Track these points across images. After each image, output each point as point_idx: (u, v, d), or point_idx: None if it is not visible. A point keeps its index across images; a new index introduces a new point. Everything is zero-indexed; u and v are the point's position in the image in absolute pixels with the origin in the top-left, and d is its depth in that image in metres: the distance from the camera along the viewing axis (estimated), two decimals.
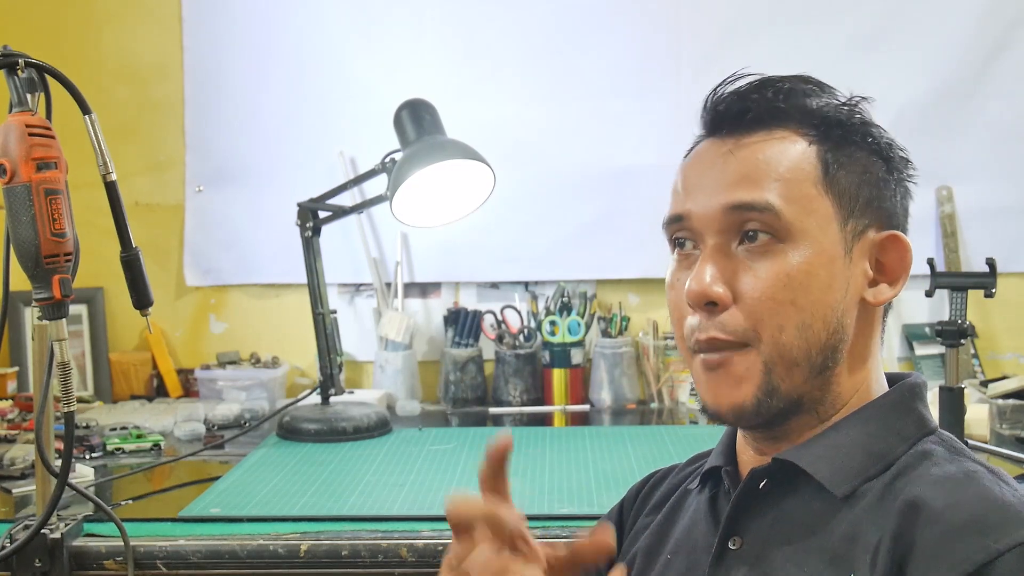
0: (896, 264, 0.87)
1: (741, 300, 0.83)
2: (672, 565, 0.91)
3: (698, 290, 0.83)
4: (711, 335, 0.84)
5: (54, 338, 1.11)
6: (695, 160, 0.90)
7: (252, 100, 2.42)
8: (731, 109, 0.87)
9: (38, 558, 1.32)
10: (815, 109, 0.87)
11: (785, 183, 0.84)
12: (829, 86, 0.89)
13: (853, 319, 0.86)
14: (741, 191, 0.84)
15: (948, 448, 0.84)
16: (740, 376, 0.84)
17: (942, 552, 0.72)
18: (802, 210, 0.83)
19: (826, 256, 0.83)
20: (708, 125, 0.90)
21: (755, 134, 0.86)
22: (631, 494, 1.06)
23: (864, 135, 0.87)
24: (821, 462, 0.83)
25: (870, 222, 0.86)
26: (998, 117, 2.32)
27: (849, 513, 0.80)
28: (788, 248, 0.83)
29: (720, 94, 0.88)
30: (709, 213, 0.85)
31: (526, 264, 2.42)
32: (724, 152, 0.86)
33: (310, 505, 1.51)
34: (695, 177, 0.88)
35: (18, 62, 1.10)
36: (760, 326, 0.82)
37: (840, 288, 0.84)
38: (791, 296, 0.82)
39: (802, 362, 0.83)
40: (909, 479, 0.79)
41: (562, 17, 2.37)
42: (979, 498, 0.75)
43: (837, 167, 0.85)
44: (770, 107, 0.86)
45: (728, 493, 0.90)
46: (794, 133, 0.86)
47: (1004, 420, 1.87)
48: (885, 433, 0.85)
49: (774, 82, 0.87)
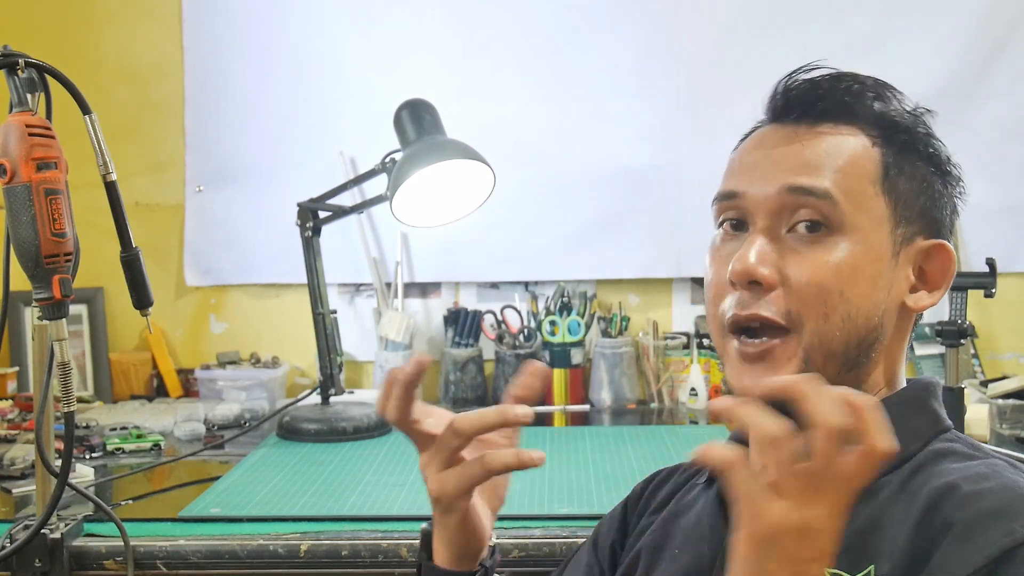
0: (938, 273, 0.88)
1: (788, 284, 0.83)
2: (679, 560, 0.90)
3: (742, 269, 0.83)
4: (754, 312, 0.83)
5: (54, 338, 1.11)
6: (756, 141, 0.90)
7: (252, 100, 2.42)
8: (803, 96, 0.87)
9: (38, 558, 1.32)
10: (883, 112, 0.88)
11: (844, 176, 0.84)
12: (899, 91, 0.90)
13: (892, 321, 0.87)
14: (802, 176, 0.84)
15: (965, 445, 0.85)
16: (779, 363, 0.83)
17: (969, 537, 0.73)
18: (857, 205, 0.84)
19: (874, 254, 0.84)
20: (776, 110, 0.90)
21: (822, 125, 0.86)
22: (635, 492, 1.06)
23: (927, 146, 0.89)
24: None
25: (919, 230, 0.87)
26: (998, 117, 2.32)
27: (865, 506, 0.80)
28: (839, 239, 0.83)
29: (794, 80, 0.88)
30: (765, 193, 0.85)
31: (526, 264, 2.42)
32: (790, 136, 0.87)
33: (310, 505, 1.51)
34: (755, 157, 0.88)
35: (18, 62, 1.09)
36: (806, 311, 0.82)
37: (884, 288, 0.85)
38: (839, 286, 0.82)
39: (839, 354, 0.84)
40: (931, 473, 0.80)
41: (562, 17, 2.37)
42: (1003, 487, 0.76)
43: (897, 172, 0.86)
44: (841, 101, 0.87)
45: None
46: (860, 131, 0.87)
47: (1004, 420, 1.87)
48: (900, 429, 0.84)
49: (848, 77, 0.88)
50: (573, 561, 1.08)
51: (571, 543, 1.34)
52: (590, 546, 1.06)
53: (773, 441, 0.62)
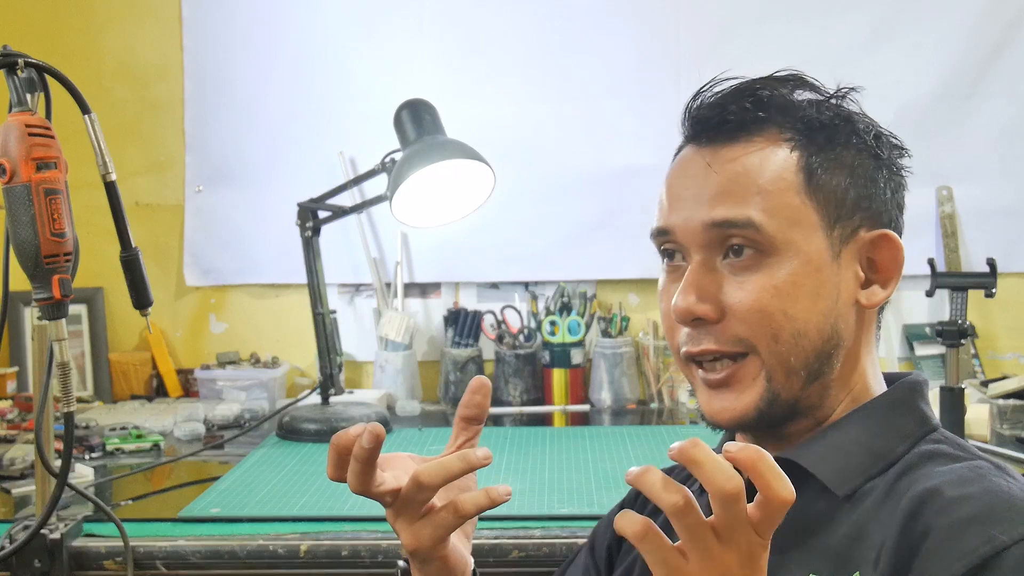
0: (888, 263, 0.86)
1: (730, 313, 0.83)
2: None
3: (684, 307, 0.83)
4: (704, 347, 0.84)
5: (54, 338, 1.11)
6: (678, 170, 0.89)
7: (252, 100, 2.42)
8: (710, 118, 0.86)
9: (38, 558, 1.32)
10: (797, 112, 0.85)
11: (766, 196, 0.82)
12: (813, 81, 0.88)
13: (849, 323, 0.85)
14: (722, 207, 0.83)
15: (952, 446, 0.83)
16: (743, 385, 0.84)
17: (950, 544, 0.72)
18: (785, 222, 0.82)
19: (812, 265, 0.83)
20: (687, 133, 0.89)
21: (735, 144, 0.85)
22: (631, 495, 1.06)
23: (849, 133, 0.86)
24: (823, 462, 0.83)
25: (859, 223, 0.85)
26: (998, 117, 2.32)
27: (852, 513, 0.80)
28: (773, 261, 0.82)
29: (698, 102, 0.87)
30: (691, 228, 0.85)
31: (526, 264, 2.42)
32: (704, 165, 0.85)
33: (310, 505, 1.51)
34: (678, 189, 0.87)
35: (18, 62, 1.09)
36: (754, 336, 0.82)
37: (830, 295, 0.84)
38: (780, 307, 0.82)
39: (799, 369, 0.83)
40: (914, 478, 0.79)
41: (562, 17, 2.37)
42: (986, 492, 0.75)
43: (821, 172, 0.84)
44: (748, 115, 0.85)
45: None
46: (775, 139, 0.84)
47: (1004, 420, 1.87)
48: (886, 432, 0.84)
49: (753, 87, 0.86)
50: (572, 564, 1.08)
51: (571, 543, 1.34)
52: (587, 549, 1.06)
53: (674, 511, 0.64)
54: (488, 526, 1.40)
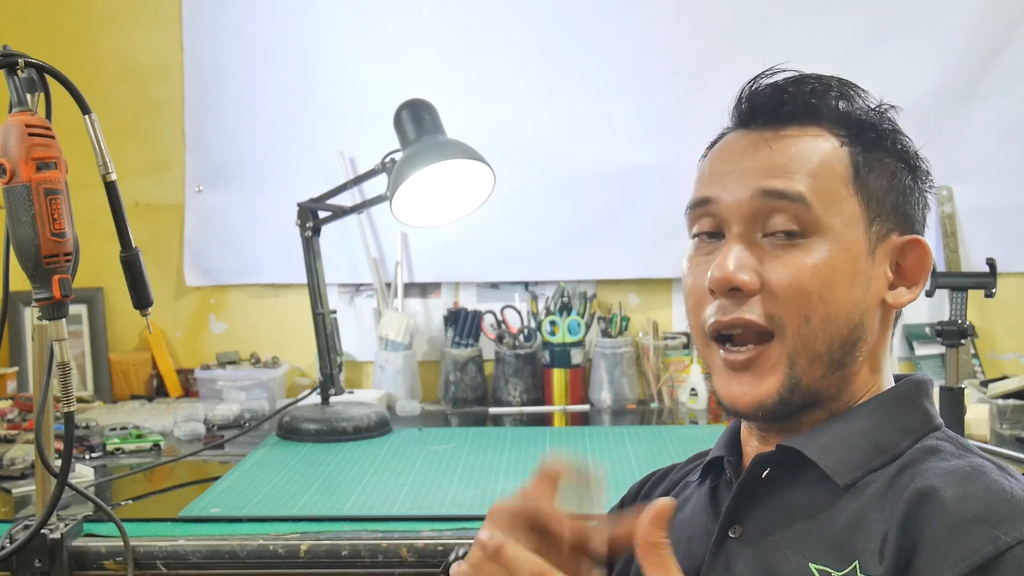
0: (916, 268, 0.88)
1: (767, 288, 0.83)
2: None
3: (722, 276, 0.83)
4: (736, 316, 0.84)
5: (54, 338, 1.11)
6: (725, 149, 0.90)
7: (252, 100, 2.42)
8: (768, 101, 0.88)
9: (38, 558, 1.32)
10: (849, 111, 0.88)
11: (816, 179, 0.84)
12: (862, 89, 0.90)
13: (874, 319, 0.87)
14: (774, 179, 0.84)
15: (954, 444, 0.84)
16: (764, 371, 0.84)
17: (952, 544, 0.72)
18: (830, 207, 0.84)
19: (851, 253, 0.84)
20: (742, 116, 0.90)
21: (789, 128, 0.87)
22: (630, 494, 1.06)
23: (894, 142, 0.89)
24: (826, 451, 0.83)
25: (893, 226, 0.87)
26: (998, 117, 2.32)
27: (852, 503, 0.80)
28: (814, 242, 0.83)
29: (758, 86, 0.89)
30: (738, 199, 0.85)
31: (526, 264, 2.42)
32: (758, 141, 0.87)
33: (310, 505, 1.51)
34: (725, 164, 0.88)
35: (18, 62, 1.09)
36: (787, 315, 0.83)
37: (862, 286, 0.85)
38: (818, 288, 0.83)
39: (823, 355, 0.84)
40: (916, 472, 0.80)
41: (562, 17, 2.37)
42: (988, 491, 0.75)
43: (867, 170, 0.86)
44: (806, 103, 0.87)
45: (730, 483, 0.90)
46: (827, 132, 0.87)
47: (1004, 420, 1.87)
48: (890, 427, 0.85)
49: (811, 79, 0.88)
50: None
51: None
52: None
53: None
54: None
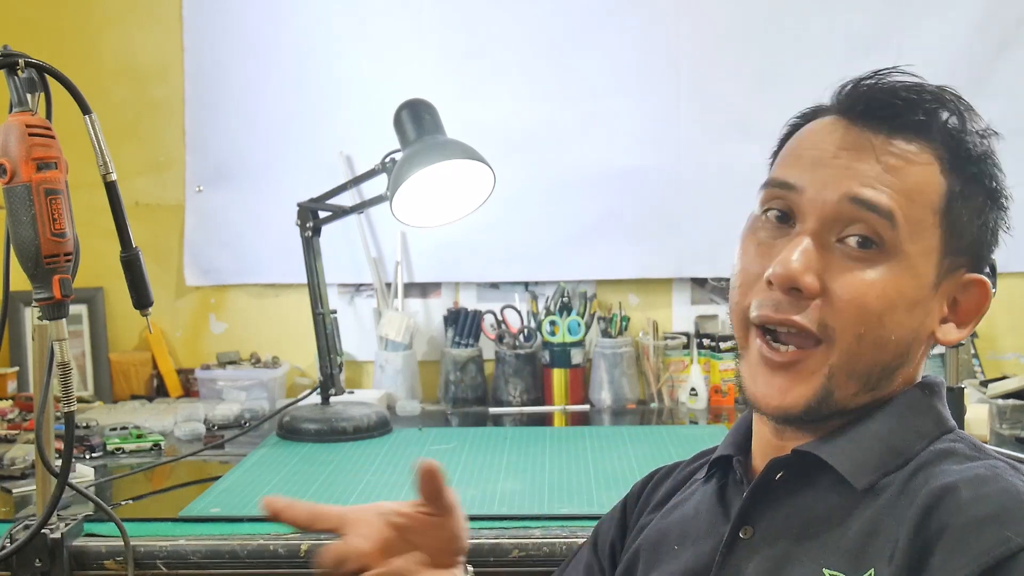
0: (972, 308, 0.88)
1: (828, 296, 0.81)
2: (679, 556, 0.90)
3: (785, 273, 0.81)
4: (787, 316, 0.82)
5: (54, 338, 1.11)
6: (823, 133, 0.86)
7: (252, 100, 2.42)
8: (883, 105, 0.84)
9: (38, 558, 1.32)
10: (958, 137, 0.85)
11: (908, 199, 0.82)
12: (975, 112, 0.88)
13: (919, 351, 0.86)
14: (871, 189, 0.81)
15: (968, 446, 0.84)
16: (803, 376, 0.82)
17: (964, 544, 0.72)
18: (913, 231, 0.82)
19: (919, 282, 0.83)
20: (850, 109, 0.86)
21: (896, 138, 0.84)
22: (635, 490, 1.06)
23: (991, 179, 0.87)
24: (843, 455, 0.83)
25: (964, 263, 0.86)
26: (1002, 116, 2.29)
27: (867, 508, 0.80)
28: (888, 261, 0.82)
29: (877, 83, 0.85)
30: (825, 197, 0.82)
31: (526, 264, 2.42)
32: (862, 142, 0.83)
33: None
34: (820, 153, 0.85)
35: (18, 62, 1.09)
36: (841, 328, 0.81)
37: (920, 316, 0.84)
38: (879, 309, 0.81)
39: (863, 376, 0.83)
40: (930, 474, 0.79)
41: (562, 17, 2.37)
42: (1002, 492, 0.75)
43: (958, 204, 0.84)
44: (919, 119, 0.84)
45: (739, 483, 0.90)
46: (929, 153, 0.84)
47: (1004, 420, 1.87)
48: (904, 429, 0.84)
49: (931, 93, 0.85)
50: (573, 561, 1.08)
51: (571, 543, 1.34)
52: (590, 546, 1.06)
53: None
54: (488, 526, 1.40)
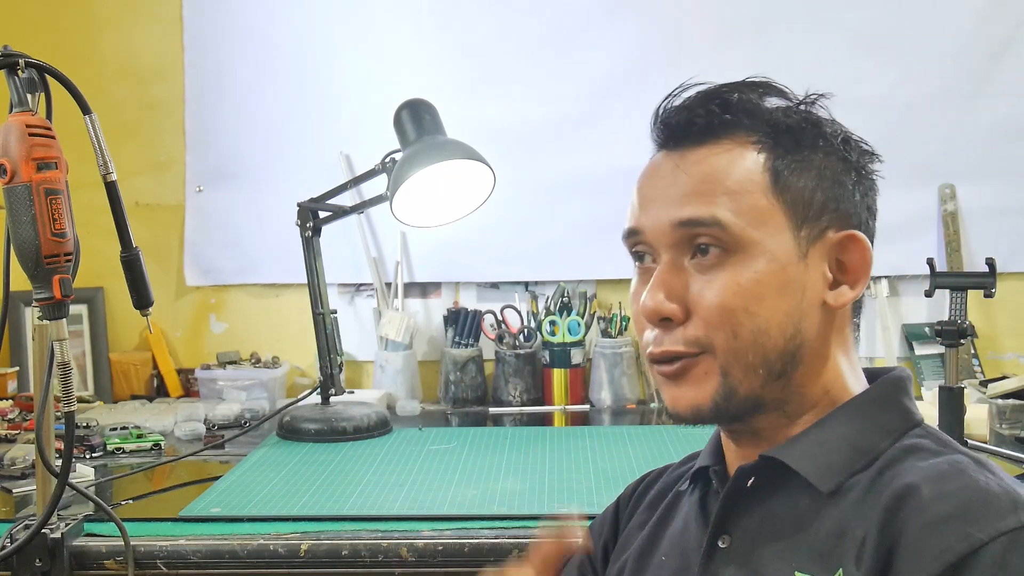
0: (857, 264, 0.87)
1: (694, 312, 0.84)
2: (665, 567, 0.91)
3: (652, 307, 0.85)
4: (665, 348, 0.85)
5: (54, 338, 1.11)
6: (649, 174, 0.90)
7: (252, 100, 2.42)
8: (677, 123, 0.87)
9: (38, 558, 1.32)
10: (763, 116, 0.87)
11: (733, 196, 0.84)
12: (781, 87, 0.89)
13: (814, 323, 0.85)
14: (689, 207, 0.84)
15: (934, 440, 0.83)
16: (697, 379, 0.85)
17: (927, 542, 0.72)
18: (752, 221, 0.83)
19: (778, 264, 0.83)
20: (657, 139, 0.90)
21: (703, 147, 0.86)
22: (627, 492, 1.06)
23: (816, 137, 0.87)
24: (807, 459, 0.83)
25: (827, 224, 0.86)
26: (1002, 116, 2.32)
27: (835, 509, 0.80)
28: (738, 259, 0.83)
29: (669, 105, 0.89)
30: (660, 228, 0.86)
31: (526, 264, 2.42)
32: (673, 167, 0.87)
33: (310, 505, 1.51)
34: (648, 191, 0.89)
35: (18, 62, 1.10)
36: (713, 334, 0.83)
37: (795, 294, 0.84)
38: (743, 303, 0.83)
39: (758, 366, 0.84)
40: (896, 472, 0.79)
41: (562, 17, 2.37)
42: (964, 488, 0.75)
43: (788, 173, 0.85)
44: (715, 119, 0.86)
45: (717, 492, 0.90)
46: (742, 142, 0.85)
47: (1004, 420, 1.87)
48: (870, 428, 0.85)
49: (720, 92, 0.88)
50: (567, 562, 1.08)
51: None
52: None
53: None
54: (488, 526, 1.40)
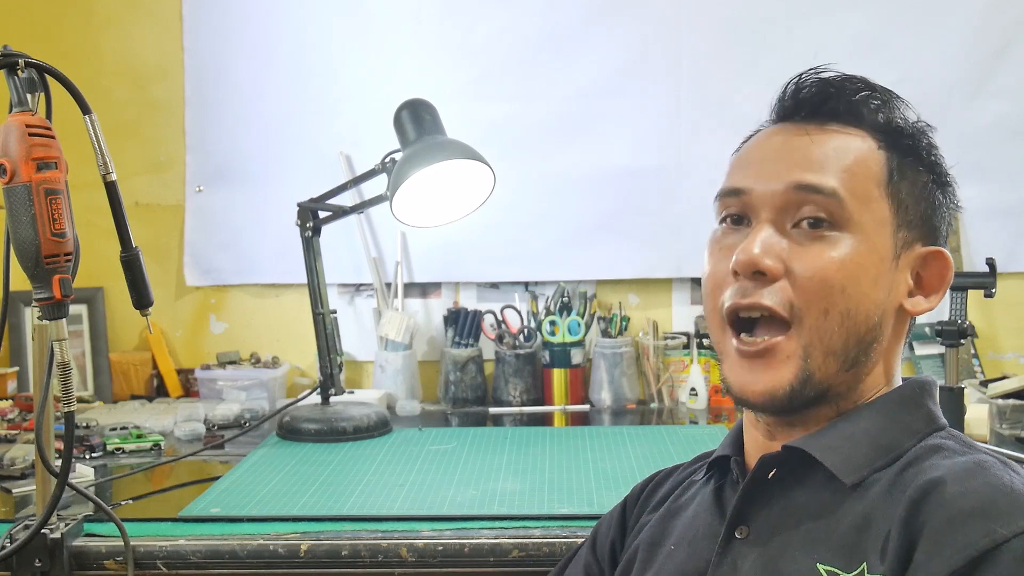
0: (935, 279, 0.90)
1: (791, 276, 0.84)
2: (675, 556, 0.91)
3: (747, 259, 0.84)
4: (755, 300, 0.84)
5: (54, 338, 1.11)
6: (763, 140, 0.91)
7: (252, 100, 2.42)
8: (814, 96, 0.89)
9: (38, 558, 1.32)
10: (889, 118, 0.89)
11: (851, 175, 0.85)
12: (905, 101, 0.92)
13: (890, 323, 0.88)
14: (809, 172, 0.85)
15: (959, 442, 0.84)
16: (779, 361, 0.84)
17: (949, 537, 0.72)
18: (862, 205, 0.85)
19: (877, 255, 0.85)
20: (785, 110, 0.91)
21: (832, 124, 0.88)
22: (634, 492, 1.06)
23: (929, 154, 0.91)
24: (831, 451, 0.84)
25: (919, 236, 0.88)
26: (1003, 116, 2.32)
27: (858, 503, 0.81)
28: (843, 237, 0.84)
29: (805, 80, 0.90)
30: (772, 189, 0.86)
31: (526, 264, 2.42)
32: (798, 134, 0.88)
33: (310, 505, 1.51)
34: (759, 155, 0.89)
35: (18, 62, 1.10)
36: (807, 305, 0.83)
37: (884, 288, 0.86)
38: (842, 281, 0.83)
39: (839, 352, 0.84)
40: (920, 469, 0.80)
41: (562, 16, 2.37)
42: (988, 486, 0.75)
43: (900, 177, 0.87)
44: (850, 103, 0.88)
45: (735, 483, 0.90)
46: (868, 135, 0.88)
47: (1004, 420, 1.87)
48: (894, 426, 0.86)
49: (858, 80, 0.90)
50: (572, 561, 1.08)
51: (571, 543, 1.34)
52: (589, 546, 1.06)
53: None
54: (488, 526, 1.40)
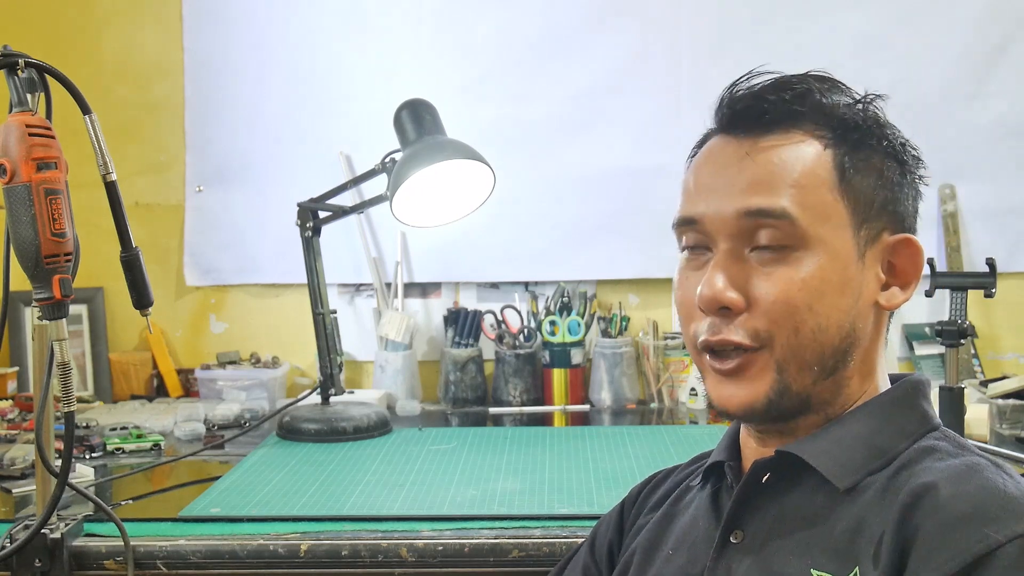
0: (908, 267, 0.88)
1: (756, 305, 0.83)
2: (673, 560, 0.91)
3: (710, 295, 0.83)
4: (724, 337, 0.84)
5: (54, 338, 1.11)
6: (708, 159, 0.89)
7: (252, 100, 2.42)
8: (748, 109, 0.86)
9: (38, 558, 1.32)
10: (832, 111, 0.86)
11: (801, 189, 0.83)
12: (844, 84, 0.89)
13: (866, 323, 0.87)
14: (757, 197, 0.83)
15: (952, 443, 0.84)
16: (753, 377, 0.84)
17: (943, 542, 0.72)
18: (817, 216, 0.83)
19: (840, 262, 0.84)
20: (722, 122, 0.89)
21: (771, 136, 0.85)
22: (632, 494, 1.06)
23: (880, 137, 0.87)
24: (824, 455, 0.83)
25: (884, 225, 0.86)
26: (1002, 116, 2.32)
27: (852, 507, 0.80)
28: (802, 254, 0.83)
29: (736, 92, 0.87)
30: (723, 217, 0.85)
31: (526, 264, 2.42)
32: (740, 154, 0.85)
33: (310, 505, 1.51)
34: (708, 178, 0.87)
35: (18, 62, 1.09)
36: (775, 329, 0.83)
37: (853, 293, 0.84)
38: (807, 300, 0.82)
39: (814, 364, 0.84)
40: (913, 472, 0.80)
41: (562, 16, 2.37)
42: (981, 489, 0.75)
43: (853, 171, 0.85)
44: (786, 109, 0.85)
45: (731, 488, 0.90)
46: (810, 136, 0.85)
47: (1004, 420, 1.87)
48: (887, 428, 0.85)
49: (791, 82, 0.87)
50: (571, 562, 1.08)
51: (571, 543, 1.34)
52: (587, 547, 1.06)
53: None
54: (488, 526, 1.40)
